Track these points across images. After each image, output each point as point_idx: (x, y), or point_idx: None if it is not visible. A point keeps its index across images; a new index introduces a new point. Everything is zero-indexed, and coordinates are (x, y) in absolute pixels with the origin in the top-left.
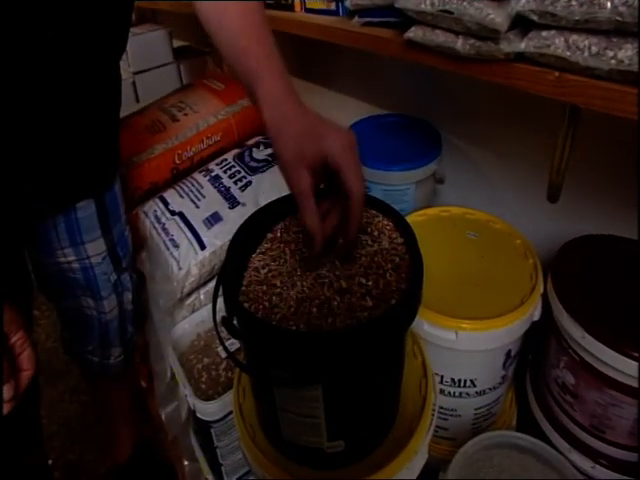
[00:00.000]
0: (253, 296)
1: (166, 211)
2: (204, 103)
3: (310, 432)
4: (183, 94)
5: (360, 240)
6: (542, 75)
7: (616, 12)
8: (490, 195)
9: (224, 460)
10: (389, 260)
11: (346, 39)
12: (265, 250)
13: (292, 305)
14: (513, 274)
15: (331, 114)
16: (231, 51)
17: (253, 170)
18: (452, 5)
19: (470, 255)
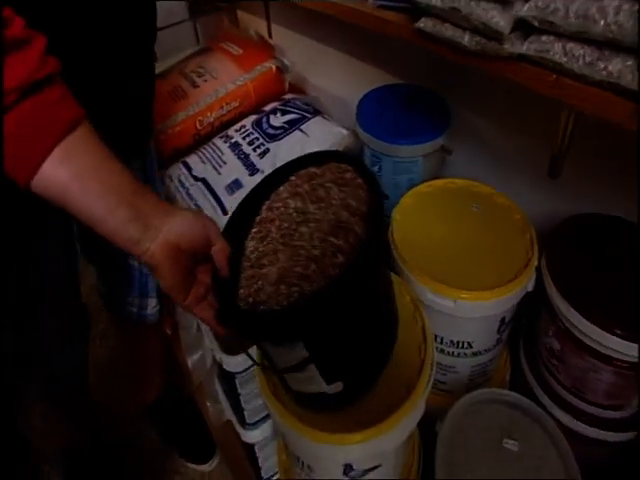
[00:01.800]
0: (245, 283)
1: (189, 177)
2: (223, 69)
3: (310, 382)
4: (203, 59)
5: (330, 195)
6: (541, 76)
7: (608, 29)
8: (495, 168)
9: (246, 405)
10: (356, 213)
11: (360, 19)
12: (254, 234)
13: (275, 283)
14: (510, 247)
15: (349, 79)
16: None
17: (271, 137)
18: (460, 3)
19: (472, 227)
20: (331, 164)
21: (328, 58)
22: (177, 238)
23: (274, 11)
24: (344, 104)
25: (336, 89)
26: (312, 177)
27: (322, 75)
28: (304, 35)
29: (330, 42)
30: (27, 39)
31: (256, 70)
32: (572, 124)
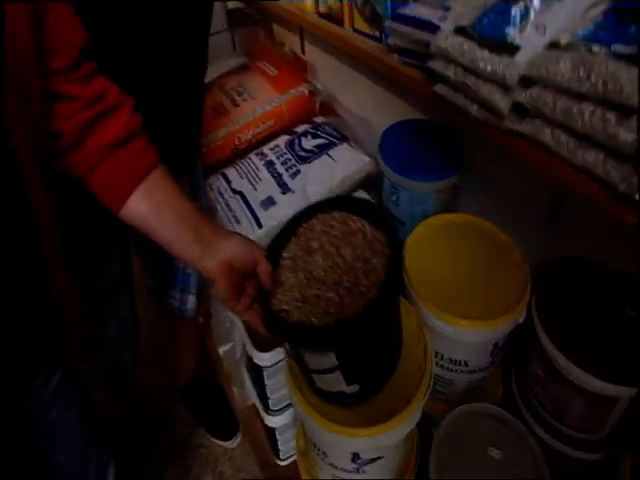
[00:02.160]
0: (287, 299)
1: (228, 189)
2: (260, 90)
3: (334, 383)
4: (242, 77)
5: (357, 236)
6: (535, 152)
7: (585, 126)
8: (500, 207)
9: (271, 394)
10: (378, 254)
11: (384, 69)
12: (292, 255)
13: (308, 302)
14: (507, 282)
15: (375, 106)
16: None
17: (302, 159)
18: (470, 80)
19: (474, 260)
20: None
21: (357, 82)
22: (231, 258)
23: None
24: (369, 126)
25: (362, 112)
26: (344, 219)
27: (350, 96)
28: (335, 56)
29: (359, 69)
30: (120, 103)
31: (290, 93)
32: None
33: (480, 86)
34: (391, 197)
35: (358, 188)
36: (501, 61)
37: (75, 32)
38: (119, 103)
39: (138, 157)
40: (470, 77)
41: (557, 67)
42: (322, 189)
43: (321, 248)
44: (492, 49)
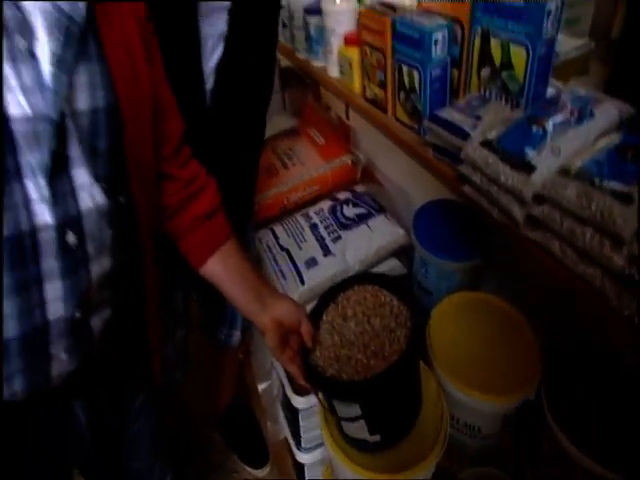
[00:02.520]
0: (324, 356)
1: (276, 245)
2: (308, 156)
3: (358, 431)
4: (292, 142)
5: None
6: (546, 257)
7: (585, 249)
8: (519, 289)
9: (304, 434)
10: (401, 326)
11: (420, 159)
12: (331, 319)
13: (340, 361)
14: (519, 361)
15: (411, 178)
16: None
17: (343, 226)
18: (492, 189)
19: (491, 337)
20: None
21: (396, 153)
22: (281, 317)
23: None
24: (406, 197)
25: (400, 182)
26: (376, 292)
27: (390, 165)
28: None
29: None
30: (207, 184)
31: (335, 162)
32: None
33: (501, 195)
34: (421, 269)
35: (391, 256)
36: (519, 178)
37: (178, 122)
38: (207, 184)
39: (218, 229)
40: (493, 186)
41: (565, 192)
42: (359, 255)
43: (355, 316)
44: (513, 165)
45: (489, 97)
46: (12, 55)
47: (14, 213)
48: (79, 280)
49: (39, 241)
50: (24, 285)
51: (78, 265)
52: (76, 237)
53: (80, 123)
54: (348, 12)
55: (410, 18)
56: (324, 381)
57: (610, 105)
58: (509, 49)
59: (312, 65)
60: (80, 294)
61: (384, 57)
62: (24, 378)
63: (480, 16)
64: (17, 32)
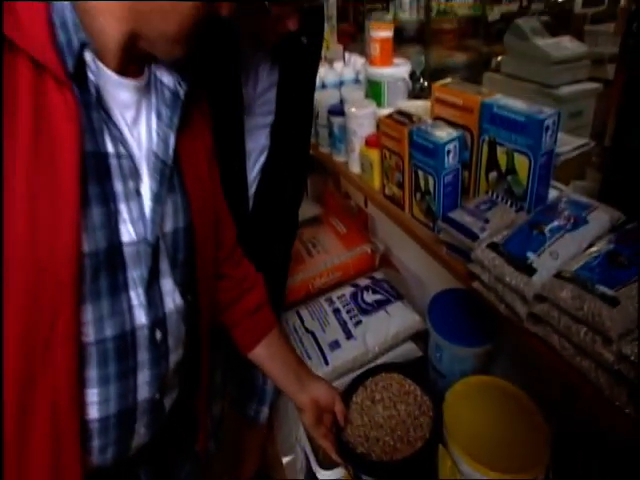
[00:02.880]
0: (354, 435)
1: (302, 326)
2: (331, 245)
3: None
4: (316, 230)
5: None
6: (547, 349)
7: (582, 341)
8: (529, 375)
9: None
10: (424, 414)
11: (434, 255)
12: (360, 400)
13: (370, 440)
14: (529, 444)
15: (426, 267)
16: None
17: (363, 311)
18: (498, 287)
19: (502, 419)
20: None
21: (411, 243)
22: (317, 397)
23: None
24: (421, 285)
25: (416, 269)
26: (401, 381)
27: (406, 253)
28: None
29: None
30: (257, 281)
31: (356, 251)
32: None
33: (506, 293)
34: (435, 353)
35: (408, 340)
36: (522, 279)
37: (231, 227)
38: (256, 281)
39: (265, 320)
40: (499, 284)
41: (561, 294)
42: (379, 339)
43: (382, 400)
44: (516, 267)
45: (496, 200)
46: (126, 195)
47: (121, 317)
48: (161, 368)
49: (136, 338)
50: (124, 373)
51: (161, 357)
52: (162, 334)
53: (167, 242)
54: (369, 116)
55: (425, 128)
56: (355, 457)
57: (602, 212)
58: (513, 157)
59: (335, 160)
60: (161, 379)
61: (402, 161)
62: (114, 449)
63: (487, 127)
64: (129, 177)
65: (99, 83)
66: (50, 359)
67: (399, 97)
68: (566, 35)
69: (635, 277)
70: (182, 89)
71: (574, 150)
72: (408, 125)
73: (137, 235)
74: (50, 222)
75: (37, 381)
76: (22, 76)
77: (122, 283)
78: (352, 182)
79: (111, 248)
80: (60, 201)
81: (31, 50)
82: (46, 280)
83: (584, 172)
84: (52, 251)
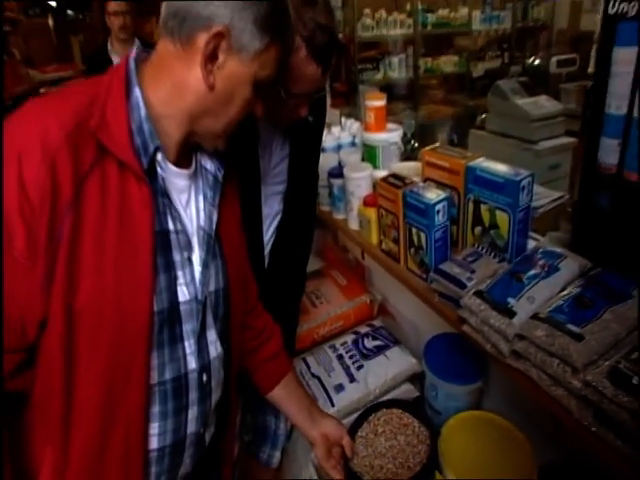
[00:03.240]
0: (361, 464)
1: (308, 372)
2: (333, 296)
3: None
4: (319, 282)
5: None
6: (527, 381)
7: (556, 372)
8: (520, 408)
9: None
10: (422, 442)
11: (427, 303)
12: (365, 434)
13: (374, 468)
14: (517, 471)
15: (420, 314)
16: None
17: (364, 356)
18: (484, 328)
19: (492, 448)
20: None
21: (406, 292)
22: (327, 432)
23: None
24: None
25: (411, 316)
26: (400, 415)
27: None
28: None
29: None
30: (275, 331)
31: (356, 301)
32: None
33: (491, 334)
34: (431, 392)
35: (406, 381)
36: (504, 321)
37: (254, 284)
38: (274, 331)
39: (282, 365)
40: (485, 326)
41: (536, 332)
42: (379, 381)
43: (384, 432)
44: (499, 311)
45: (481, 252)
46: (182, 263)
47: (177, 363)
48: (206, 406)
49: (189, 381)
50: (179, 410)
51: (206, 396)
52: (207, 377)
53: (211, 300)
54: (366, 178)
55: (417, 190)
56: None
57: (572, 260)
58: (495, 214)
59: (334, 217)
60: (205, 416)
61: (397, 220)
62: (166, 476)
63: (472, 187)
64: (184, 249)
65: (164, 175)
66: (126, 397)
67: (393, 159)
68: (543, 94)
69: (597, 315)
70: (220, 173)
71: (551, 203)
72: (402, 188)
73: (190, 295)
74: (131, 287)
75: (115, 416)
76: (111, 172)
77: (179, 335)
78: (352, 238)
79: (171, 306)
80: (138, 270)
81: (118, 153)
82: (127, 333)
83: (559, 223)
84: (132, 310)
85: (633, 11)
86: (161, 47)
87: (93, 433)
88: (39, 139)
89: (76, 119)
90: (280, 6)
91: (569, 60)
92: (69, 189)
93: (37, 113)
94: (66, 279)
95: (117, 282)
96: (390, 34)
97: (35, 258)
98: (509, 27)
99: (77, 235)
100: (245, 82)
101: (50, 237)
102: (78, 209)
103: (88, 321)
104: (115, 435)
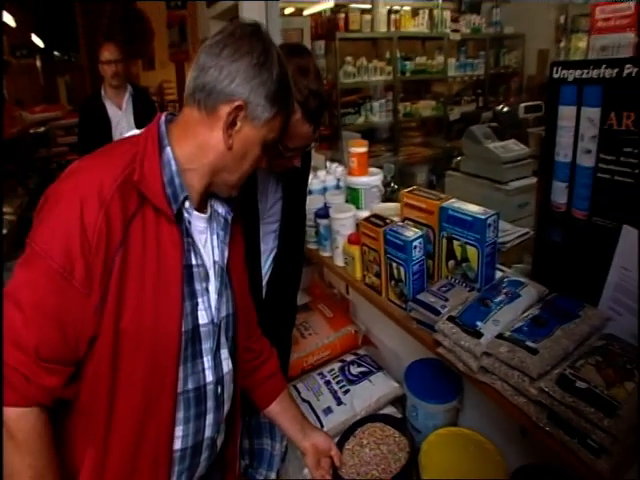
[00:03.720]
0: (348, 473)
1: (299, 397)
2: (320, 327)
3: None
4: (308, 315)
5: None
6: (494, 393)
7: (517, 382)
8: (490, 424)
9: None
10: (402, 450)
11: (406, 329)
12: (352, 447)
13: (360, 475)
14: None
15: (400, 341)
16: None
17: (350, 382)
18: (455, 347)
19: (468, 460)
20: (392, 423)
21: (387, 323)
22: (317, 443)
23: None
24: (397, 357)
25: (392, 344)
26: (382, 428)
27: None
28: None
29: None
30: (272, 354)
31: (342, 332)
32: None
33: (462, 353)
34: (412, 412)
35: (389, 404)
36: (473, 342)
37: (254, 311)
38: (271, 354)
39: (278, 384)
40: (457, 347)
41: (500, 350)
42: (364, 404)
43: (369, 444)
44: (468, 333)
45: (454, 282)
46: (201, 292)
47: (198, 375)
48: (219, 414)
49: (206, 391)
50: (199, 416)
51: (219, 405)
52: (221, 389)
53: (223, 323)
54: (350, 219)
55: (396, 229)
56: None
57: (532, 287)
58: (466, 248)
59: (321, 254)
60: (218, 424)
61: (379, 256)
62: (185, 475)
63: (445, 225)
64: (203, 280)
65: (189, 218)
66: (159, 403)
67: (374, 201)
68: (512, 138)
69: (551, 332)
70: (230, 216)
71: (517, 238)
72: (383, 226)
73: (208, 319)
74: (165, 311)
75: (149, 420)
76: (149, 216)
77: (199, 352)
78: (337, 273)
79: (194, 328)
80: (171, 298)
81: (154, 201)
82: (161, 349)
83: (521, 259)
84: (166, 330)
85: (572, 77)
86: (187, 113)
87: (130, 435)
88: (96, 190)
89: (123, 174)
90: (285, 83)
91: (535, 106)
92: (119, 231)
93: (93, 169)
94: (115, 304)
95: (154, 307)
96: (371, 80)
97: (91, 287)
98: (482, 73)
99: (124, 268)
100: (256, 143)
101: (104, 270)
102: (125, 247)
103: (130, 339)
104: (148, 437)
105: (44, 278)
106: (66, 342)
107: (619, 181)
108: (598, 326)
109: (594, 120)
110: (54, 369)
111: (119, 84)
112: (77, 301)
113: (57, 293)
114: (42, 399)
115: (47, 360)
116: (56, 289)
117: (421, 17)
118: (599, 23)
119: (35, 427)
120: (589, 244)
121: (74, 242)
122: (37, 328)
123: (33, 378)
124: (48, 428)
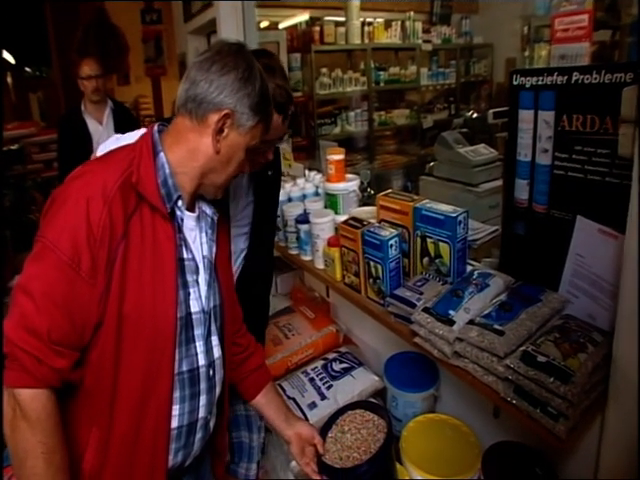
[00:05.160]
0: (331, 458)
1: (284, 395)
2: (303, 328)
3: None
4: (290, 317)
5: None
6: (467, 376)
7: (485, 362)
8: (465, 408)
9: None
10: (381, 432)
11: (385, 324)
12: (334, 434)
13: (343, 459)
14: (465, 457)
15: (379, 338)
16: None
17: (333, 377)
18: (430, 338)
19: (445, 442)
20: (370, 408)
21: (367, 320)
22: (301, 432)
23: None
24: (377, 353)
25: (372, 342)
26: (362, 413)
27: (363, 330)
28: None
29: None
30: (257, 348)
31: (324, 331)
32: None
33: (437, 341)
34: (392, 403)
35: (370, 397)
36: (446, 329)
37: (239, 307)
38: (257, 348)
39: (264, 376)
40: (432, 335)
41: (471, 334)
42: (347, 398)
43: (350, 430)
44: (442, 322)
45: (428, 277)
46: (192, 283)
47: (191, 358)
48: (211, 396)
49: (200, 373)
50: (193, 396)
51: (212, 388)
52: (212, 372)
53: (212, 312)
54: (329, 223)
55: (373, 230)
56: (333, 472)
57: (499, 278)
58: (439, 246)
59: (302, 259)
60: (211, 405)
61: (357, 256)
62: (182, 453)
63: (419, 225)
64: (194, 272)
65: (182, 216)
66: (158, 384)
67: (352, 205)
68: (481, 143)
69: (516, 316)
70: (215, 216)
71: (487, 235)
72: (360, 228)
73: (199, 307)
74: (162, 299)
75: (149, 400)
76: (146, 213)
77: (192, 337)
78: (317, 276)
79: (187, 315)
80: (167, 287)
81: (150, 200)
82: (159, 334)
83: (490, 254)
84: (163, 316)
85: (529, 84)
86: (179, 122)
87: (131, 414)
88: (100, 190)
89: (123, 176)
90: (266, 96)
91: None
92: (121, 226)
93: (96, 172)
94: (118, 291)
95: (152, 294)
96: (346, 91)
97: (96, 277)
98: (454, 82)
99: (125, 260)
100: (241, 148)
101: (108, 261)
102: (126, 240)
103: (131, 323)
104: (148, 415)
105: (54, 269)
106: (74, 328)
107: (572, 177)
108: (558, 308)
109: (549, 122)
110: (63, 352)
111: (100, 99)
112: (84, 290)
113: (66, 283)
114: (52, 380)
115: (58, 343)
116: (65, 279)
117: (394, 29)
118: (558, 34)
119: (46, 407)
120: (549, 235)
121: (81, 236)
122: (48, 314)
123: (45, 360)
124: (57, 409)
